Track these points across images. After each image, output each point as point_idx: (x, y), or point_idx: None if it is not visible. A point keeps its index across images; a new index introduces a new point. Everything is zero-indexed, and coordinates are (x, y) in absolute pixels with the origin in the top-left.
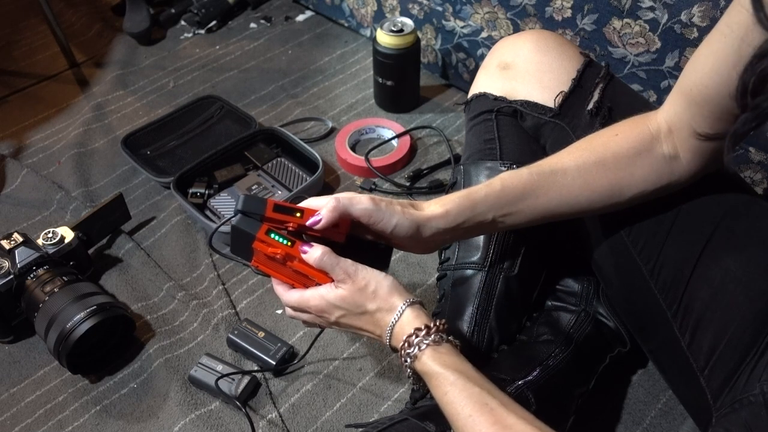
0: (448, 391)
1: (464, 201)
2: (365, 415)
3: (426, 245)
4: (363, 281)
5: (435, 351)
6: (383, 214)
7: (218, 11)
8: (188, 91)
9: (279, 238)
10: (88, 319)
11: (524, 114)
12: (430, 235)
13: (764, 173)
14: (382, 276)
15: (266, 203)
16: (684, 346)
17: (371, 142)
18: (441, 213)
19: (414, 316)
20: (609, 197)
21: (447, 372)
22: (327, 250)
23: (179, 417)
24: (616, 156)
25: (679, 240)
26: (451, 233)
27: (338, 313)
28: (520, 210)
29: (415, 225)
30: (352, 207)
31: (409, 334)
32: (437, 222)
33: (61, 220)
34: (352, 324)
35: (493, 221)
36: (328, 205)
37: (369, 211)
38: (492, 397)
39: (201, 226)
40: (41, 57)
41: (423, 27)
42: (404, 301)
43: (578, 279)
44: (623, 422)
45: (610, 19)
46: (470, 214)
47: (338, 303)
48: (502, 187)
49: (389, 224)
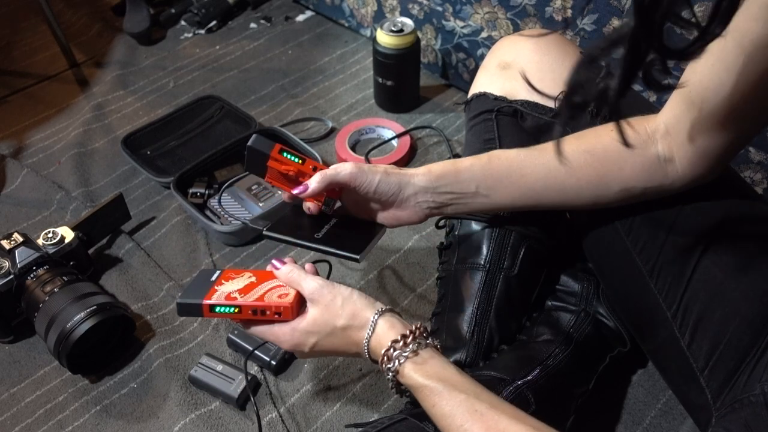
0: (436, 403)
1: (448, 165)
2: (365, 415)
3: (411, 210)
4: (329, 296)
5: (415, 363)
6: (366, 174)
7: (218, 11)
8: (188, 91)
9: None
10: (88, 319)
11: (524, 114)
12: (413, 193)
13: (764, 173)
14: (348, 291)
15: (273, 146)
16: (684, 346)
17: (371, 142)
18: (423, 171)
19: (388, 326)
20: (595, 188)
21: (431, 383)
22: (293, 266)
23: (179, 417)
24: (606, 148)
25: (679, 240)
26: (432, 195)
27: (312, 340)
28: (505, 187)
29: (396, 183)
30: (337, 176)
31: (387, 348)
32: (418, 179)
33: (61, 220)
34: (327, 348)
35: (476, 194)
36: (315, 177)
37: (353, 174)
38: (480, 401)
39: (201, 226)
40: (41, 57)
41: (423, 27)
42: (374, 312)
43: (578, 279)
44: (623, 422)
45: (610, 19)
46: (453, 179)
47: (309, 328)
48: (489, 159)
49: (372, 183)
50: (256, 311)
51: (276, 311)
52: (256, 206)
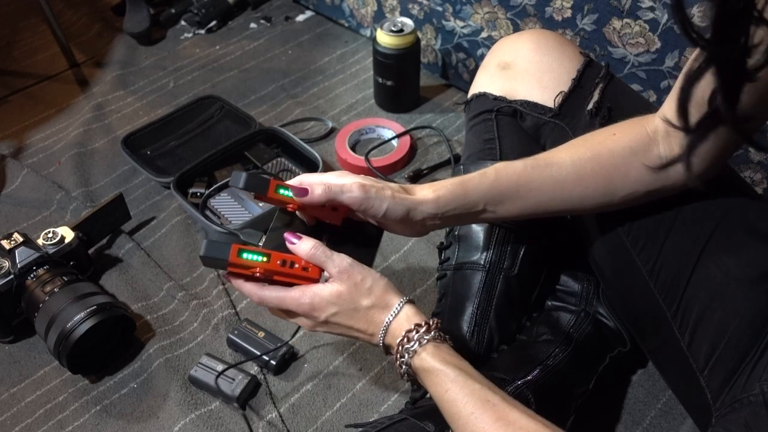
0: (450, 389)
1: (456, 188)
2: (365, 415)
3: (416, 229)
4: (359, 276)
5: (436, 347)
6: (373, 201)
7: (218, 11)
8: (188, 91)
9: (252, 255)
10: (88, 319)
11: (524, 114)
12: (421, 219)
13: (764, 173)
14: (378, 275)
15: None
16: (684, 346)
17: (371, 142)
18: (432, 198)
19: (412, 313)
20: (602, 195)
21: (448, 369)
22: (317, 243)
23: (179, 417)
24: (612, 154)
25: (679, 240)
26: (441, 218)
27: (331, 310)
28: (512, 201)
29: (405, 209)
30: (342, 195)
31: (409, 329)
32: (428, 207)
33: (61, 220)
34: (343, 323)
35: (483, 210)
36: (318, 190)
37: (359, 200)
38: (493, 393)
39: (201, 226)
40: (41, 57)
41: (423, 27)
42: (400, 299)
43: (578, 279)
44: (623, 422)
45: (610, 19)
46: (462, 201)
47: (333, 299)
48: (495, 177)
49: (380, 210)
50: (285, 262)
51: (305, 266)
52: (257, 206)
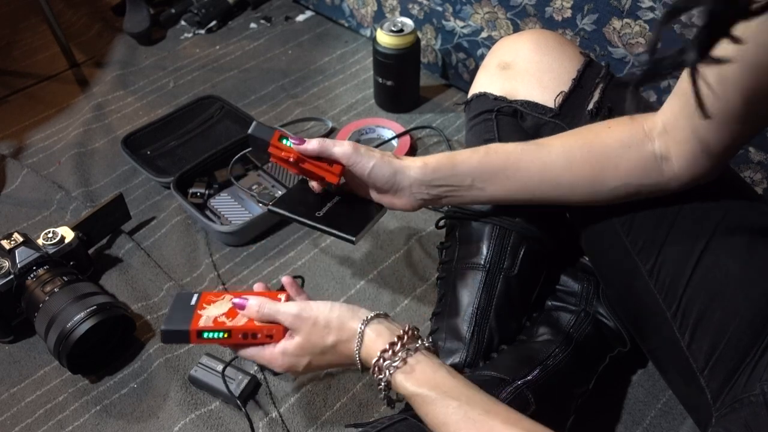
0: (429, 412)
1: (445, 158)
2: (365, 415)
3: (405, 198)
4: (310, 318)
5: (404, 372)
6: (361, 157)
7: (218, 11)
8: (188, 91)
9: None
10: (88, 319)
11: (524, 114)
12: (407, 185)
13: (764, 173)
14: (329, 305)
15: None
16: (684, 346)
17: (371, 142)
18: (419, 165)
19: (375, 335)
20: (591, 184)
21: (423, 391)
22: (262, 300)
23: (179, 417)
24: (604, 144)
25: (679, 240)
26: (428, 188)
27: (303, 361)
28: (500, 181)
29: (391, 170)
30: (334, 148)
31: (376, 359)
32: (414, 171)
33: (61, 220)
34: (322, 364)
35: (471, 186)
36: (314, 142)
37: (348, 154)
38: (472, 407)
39: (201, 226)
40: (41, 57)
41: (423, 27)
42: (360, 322)
43: (578, 279)
44: (623, 422)
45: (610, 19)
46: (449, 172)
47: (298, 352)
48: (486, 153)
49: (366, 167)
50: (247, 335)
51: (267, 333)
52: (257, 206)
